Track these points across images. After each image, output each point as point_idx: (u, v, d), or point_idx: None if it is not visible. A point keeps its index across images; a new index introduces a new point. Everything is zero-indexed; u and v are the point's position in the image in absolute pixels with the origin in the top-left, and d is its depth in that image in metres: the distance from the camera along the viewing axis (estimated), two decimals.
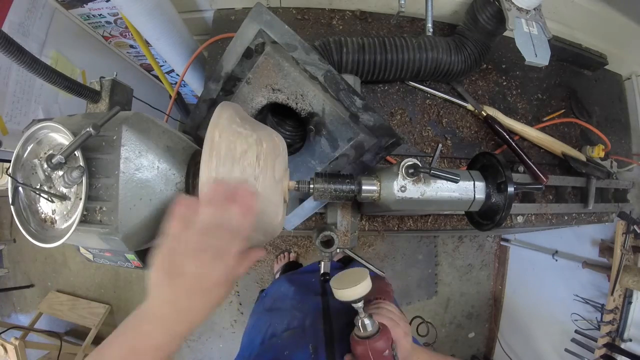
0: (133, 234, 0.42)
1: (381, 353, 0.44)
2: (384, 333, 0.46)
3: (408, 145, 0.83)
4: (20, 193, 0.44)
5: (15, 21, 0.75)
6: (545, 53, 0.67)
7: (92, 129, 0.38)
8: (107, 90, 0.59)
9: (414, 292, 2.15)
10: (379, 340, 0.44)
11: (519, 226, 0.88)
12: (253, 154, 0.41)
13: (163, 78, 1.11)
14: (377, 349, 0.44)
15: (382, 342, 0.44)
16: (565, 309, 1.53)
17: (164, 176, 0.43)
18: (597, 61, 1.01)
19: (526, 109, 0.93)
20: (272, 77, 0.62)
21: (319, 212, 0.77)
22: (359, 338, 0.46)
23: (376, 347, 0.44)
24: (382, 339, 0.45)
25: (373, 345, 0.44)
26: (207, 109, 0.65)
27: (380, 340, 0.44)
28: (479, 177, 0.56)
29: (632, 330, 1.22)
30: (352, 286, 0.45)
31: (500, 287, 2.22)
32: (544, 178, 0.81)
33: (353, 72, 0.74)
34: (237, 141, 0.40)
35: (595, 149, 0.90)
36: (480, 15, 0.73)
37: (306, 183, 0.51)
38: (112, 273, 2.14)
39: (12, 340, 1.58)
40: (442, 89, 0.86)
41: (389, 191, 0.52)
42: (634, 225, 1.10)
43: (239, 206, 0.35)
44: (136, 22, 0.78)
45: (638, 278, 1.14)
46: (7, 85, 0.76)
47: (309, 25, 0.87)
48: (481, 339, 2.29)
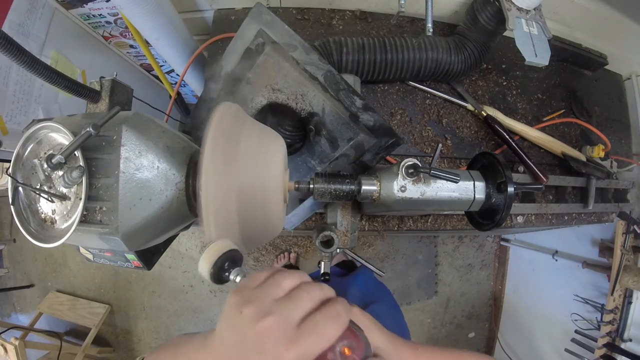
0: (133, 234, 0.42)
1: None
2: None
3: (408, 145, 0.83)
4: (20, 193, 0.44)
5: (15, 21, 0.75)
6: (545, 53, 0.67)
7: (92, 129, 0.38)
8: (107, 90, 0.59)
9: (414, 292, 2.15)
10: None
11: (519, 226, 0.88)
12: (253, 154, 0.41)
13: (163, 78, 1.11)
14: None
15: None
16: (565, 309, 1.53)
17: (164, 176, 0.43)
18: (597, 61, 1.01)
19: (526, 109, 0.93)
20: (272, 77, 0.62)
21: (319, 212, 0.77)
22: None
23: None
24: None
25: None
26: (207, 109, 0.65)
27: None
28: (479, 177, 0.56)
29: (632, 330, 1.22)
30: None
31: (500, 287, 2.22)
32: (544, 178, 0.81)
33: (353, 72, 0.74)
34: (236, 141, 0.40)
35: (595, 149, 0.90)
36: (480, 15, 0.74)
37: (306, 183, 0.51)
38: (112, 273, 2.14)
39: (12, 340, 1.58)
40: (442, 89, 0.86)
41: (389, 191, 0.52)
42: (634, 225, 1.10)
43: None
44: (136, 22, 0.78)
45: (638, 278, 1.14)
46: (7, 85, 0.76)
47: (309, 25, 0.87)
48: (481, 339, 2.29)
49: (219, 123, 0.40)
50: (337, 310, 0.28)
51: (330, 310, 0.28)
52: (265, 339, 0.26)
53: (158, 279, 2.14)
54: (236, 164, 0.39)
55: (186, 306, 2.14)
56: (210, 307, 2.11)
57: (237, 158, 0.39)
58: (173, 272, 2.13)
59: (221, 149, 0.38)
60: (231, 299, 0.30)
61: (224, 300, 1.83)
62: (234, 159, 0.39)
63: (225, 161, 0.38)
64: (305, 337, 0.26)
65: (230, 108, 0.43)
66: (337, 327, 0.27)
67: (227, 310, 0.30)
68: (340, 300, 0.30)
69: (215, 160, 0.37)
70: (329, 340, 0.27)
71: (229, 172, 0.38)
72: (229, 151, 0.39)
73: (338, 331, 0.27)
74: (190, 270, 2.13)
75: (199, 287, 2.13)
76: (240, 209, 0.39)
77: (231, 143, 0.39)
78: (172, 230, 0.50)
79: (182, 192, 0.45)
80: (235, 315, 0.28)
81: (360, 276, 0.83)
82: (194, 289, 2.13)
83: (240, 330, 0.28)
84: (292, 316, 0.27)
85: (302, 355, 0.26)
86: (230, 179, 0.38)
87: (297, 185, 0.50)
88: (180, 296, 2.14)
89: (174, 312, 2.14)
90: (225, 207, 0.38)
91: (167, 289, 2.14)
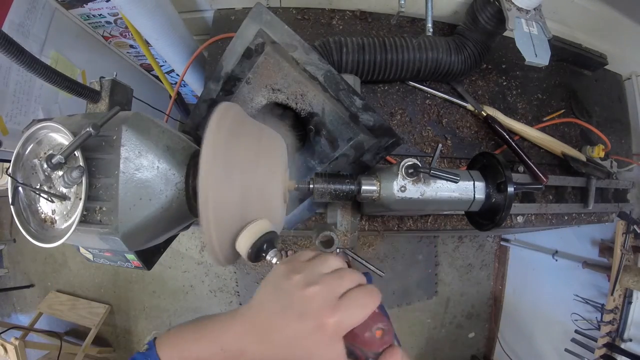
0: (133, 234, 0.42)
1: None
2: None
3: (408, 145, 0.83)
4: (20, 193, 0.44)
5: (15, 21, 0.75)
6: (545, 53, 0.67)
7: (92, 129, 0.38)
8: (107, 90, 0.59)
9: (414, 292, 2.15)
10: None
11: (519, 226, 0.88)
12: (253, 154, 0.41)
13: (163, 78, 1.11)
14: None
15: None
16: (565, 309, 1.53)
17: (163, 176, 0.43)
18: (597, 61, 1.01)
19: (526, 109, 0.93)
20: (272, 77, 0.62)
21: (319, 212, 0.77)
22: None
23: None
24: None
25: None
26: (207, 109, 0.65)
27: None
28: (478, 177, 0.56)
29: (632, 330, 1.22)
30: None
31: (500, 287, 2.22)
32: (544, 178, 0.81)
33: (353, 72, 0.74)
34: (236, 141, 0.40)
35: (595, 149, 0.90)
36: (480, 15, 0.74)
37: (306, 183, 0.51)
38: (112, 273, 2.14)
39: (12, 340, 1.58)
40: (442, 89, 0.86)
41: (389, 191, 0.52)
42: (634, 225, 1.10)
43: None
44: (136, 22, 0.78)
45: (638, 278, 1.14)
46: (7, 85, 0.76)
47: (309, 25, 0.87)
48: (481, 339, 2.29)
49: (219, 123, 0.40)
50: (372, 290, 0.32)
51: (367, 289, 0.32)
52: (311, 304, 0.29)
53: (158, 279, 2.14)
54: (236, 164, 0.39)
55: (186, 306, 2.14)
56: (210, 307, 2.11)
57: (237, 158, 0.39)
58: (173, 272, 2.13)
59: (221, 149, 0.38)
60: (280, 268, 0.33)
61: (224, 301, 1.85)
62: (234, 159, 0.39)
63: (225, 161, 0.38)
64: (346, 307, 0.29)
65: (230, 108, 0.43)
66: (372, 303, 0.30)
67: (273, 277, 0.33)
68: (373, 286, 0.33)
69: (215, 161, 0.37)
70: (365, 314, 0.30)
71: (228, 172, 0.38)
72: (229, 151, 0.39)
73: (373, 307, 0.30)
74: (190, 270, 2.13)
75: (199, 287, 2.13)
76: (240, 209, 0.39)
77: (231, 143, 0.39)
78: (172, 230, 0.50)
79: (182, 192, 0.45)
80: (283, 281, 0.31)
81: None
82: (194, 289, 2.13)
83: (286, 295, 0.31)
84: (337, 289, 0.30)
85: (341, 322, 0.29)
86: (230, 179, 0.38)
87: (297, 185, 0.50)
88: (180, 296, 2.14)
89: (174, 312, 2.14)
90: (226, 207, 0.38)
91: (167, 289, 2.14)
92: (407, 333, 2.19)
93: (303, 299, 0.29)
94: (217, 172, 0.37)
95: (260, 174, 0.41)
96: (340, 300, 0.30)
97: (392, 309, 2.11)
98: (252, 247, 0.35)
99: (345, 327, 0.29)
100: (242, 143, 0.40)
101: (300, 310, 0.29)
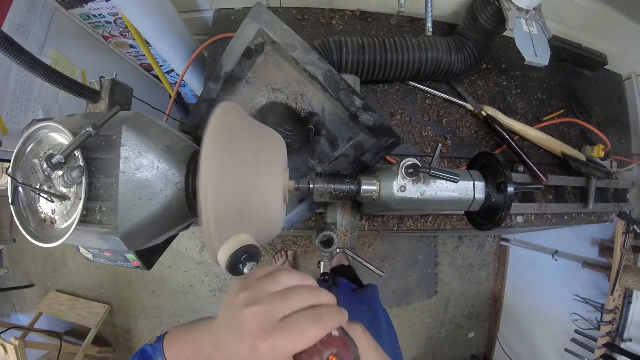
0: (133, 234, 0.42)
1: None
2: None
3: (408, 145, 0.83)
4: (20, 193, 0.44)
5: (15, 21, 0.75)
6: (545, 53, 0.67)
7: (92, 129, 0.38)
8: (107, 90, 0.59)
9: (414, 292, 2.15)
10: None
11: (519, 226, 0.88)
12: (253, 154, 0.41)
13: (163, 78, 1.11)
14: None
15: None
16: (565, 309, 1.53)
17: (163, 176, 0.43)
18: (597, 61, 1.01)
19: (526, 109, 0.93)
20: (272, 77, 0.62)
21: (319, 212, 0.77)
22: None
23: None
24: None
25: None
26: (207, 109, 0.65)
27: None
28: (478, 177, 0.56)
29: (632, 330, 1.22)
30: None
31: (500, 287, 2.22)
32: (544, 178, 0.81)
33: (353, 72, 0.74)
34: (236, 141, 0.40)
35: (595, 149, 0.90)
36: (480, 15, 0.74)
37: (306, 183, 0.51)
38: (112, 273, 2.14)
39: (12, 340, 1.58)
40: (442, 89, 0.86)
41: (389, 191, 0.52)
42: (634, 225, 1.10)
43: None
44: (136, 22, 0.78)
45: (638, 278, 1.14)
46: (7, 85, 0.76)
47: (309, 25, 0.87)
48: (481, 339, 2.29)
49: (219, 123, 0.40)
50: (320, 315, 0.28)
51: (313, 313, 0.28)
52: (248, 325, 0.28)
53: (158, 279, 2.14)
54: (236, 164, 0.39)
55: (186, 306, 2.14)
56: (210, 307, 2.11)
57: (237, 158, 0.39)
58: (173, 272, 2.13)
59: (221, 149, 0.38)
60: (233, 284, 0.32)
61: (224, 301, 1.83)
62: (234, 159, 0.39)
63: (225, 161, 0.38)
64: (282, 333, 0.27)
65: (230, 108, 0.43)
66: (315, 330, 0.27)
67: (229, 292, 0.32)
68: (332, 308, 0.29)
69: (215, 161, 0.37)
70: (304, 342, 0.26)
71: (229, 172, 0.38)
72: (229, 151, 0.39)
73: (316, 335, 0.27)
74: (190, 270, 2.13)
75: (199, 287, 2.13)
76: (240, 209, 0.39)
77: (231, 143, 0.39)
78: (172, 230, 0.50)
79: (182, 192, 0.45)
80: (232, 298, 0.31)
81: (368, 293, 0.83)
82: (194, 289, 2.13)
83: (231, 313, 0.30)
84: (277, 311, 0.28)
85: (276, 348, 0.26)
86: (230, 179, 0.38)
87: (297, 185, 0.50)
88: (180, 296, 2.14)
89: (174, 312, 2.14)
90: (226, 207, 0.38)
91: (167, 289, 2.14)
92: (407, 333, 2.19)
93: (242, 320, 0.28)
94: (217, 172, 0.37)
95: (260, 174, 0.41)
96: (279, 324, 0.27)
97: (392, 308, 2.11)
98: (230, 258, 0.34)
99: (283, 352, 0.26)
100: (242, 143, 0.40)
101: (240, 330, 0.28)
